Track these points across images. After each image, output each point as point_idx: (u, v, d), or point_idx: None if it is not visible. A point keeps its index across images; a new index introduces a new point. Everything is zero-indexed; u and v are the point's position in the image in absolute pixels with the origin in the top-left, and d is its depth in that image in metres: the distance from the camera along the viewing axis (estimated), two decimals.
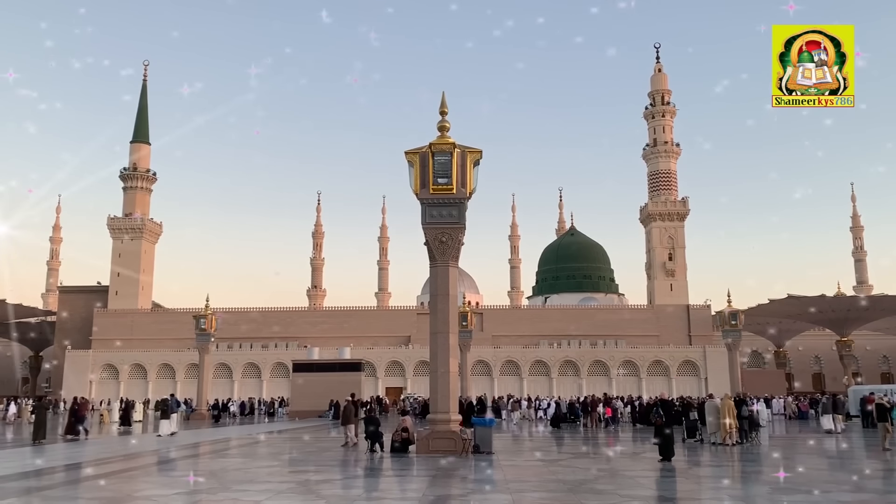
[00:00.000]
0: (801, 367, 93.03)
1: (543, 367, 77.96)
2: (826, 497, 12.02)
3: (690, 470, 17.37)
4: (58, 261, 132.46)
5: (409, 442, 20.65)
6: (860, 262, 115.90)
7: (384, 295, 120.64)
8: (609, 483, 14.32)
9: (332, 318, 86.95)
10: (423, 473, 16.02)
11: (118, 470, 17.92)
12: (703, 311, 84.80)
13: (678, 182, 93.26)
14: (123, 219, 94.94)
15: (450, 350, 20.58)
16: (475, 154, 20.99)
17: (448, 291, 20.82)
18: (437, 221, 20.79)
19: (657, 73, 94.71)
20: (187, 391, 70.10)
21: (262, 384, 77.67)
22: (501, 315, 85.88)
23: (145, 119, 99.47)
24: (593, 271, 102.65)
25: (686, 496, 13.24)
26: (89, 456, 21.38)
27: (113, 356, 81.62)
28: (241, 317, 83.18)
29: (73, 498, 12.75)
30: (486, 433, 20.94)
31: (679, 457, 19.04)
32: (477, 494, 12.86)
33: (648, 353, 78.07)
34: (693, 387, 72.40)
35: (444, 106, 21.70)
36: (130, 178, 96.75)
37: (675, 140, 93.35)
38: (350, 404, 24.59)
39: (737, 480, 15.82)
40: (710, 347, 77.16)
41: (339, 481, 15.32)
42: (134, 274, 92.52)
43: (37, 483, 15.19)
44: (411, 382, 75.52)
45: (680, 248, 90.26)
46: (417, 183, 20.71)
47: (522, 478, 15.28)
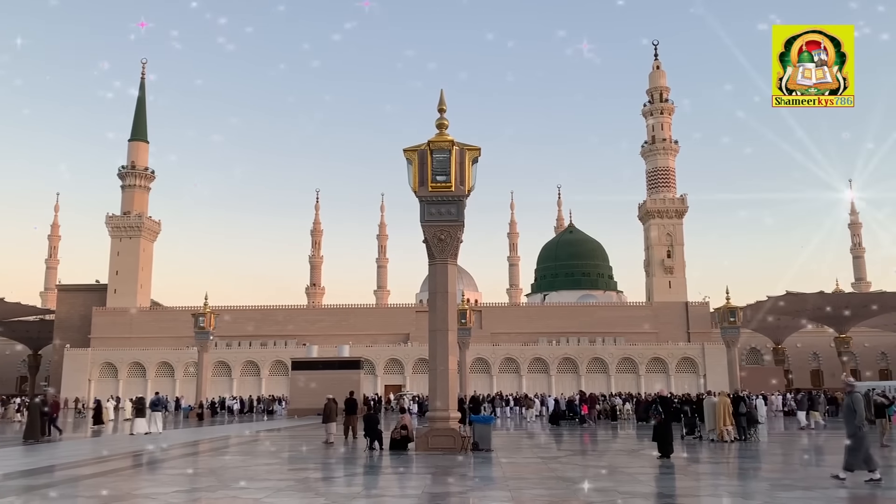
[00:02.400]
0: (800, 363, 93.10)
1: (542, 364, 78.05)
2: (824, 494, 12.05)
3: (689, 467, 17.40)
4: (56, 259, 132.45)
5: (408, 439, 20.69)
6: (858, 258, 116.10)
7: (383, 293, 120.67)
8: (608, 480, 14.35)
9: (331, 316, 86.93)
10: (423, 471, 16.04)
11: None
12: (702, 308, 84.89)
13: (676, 179, 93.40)
14: (122, 217, 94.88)
15: (449, 347, 20.60)
16: (474, 152, 21.01)
17: (447, 289, 20.85)
18: (436, 219, 20.80)
19: (655, 70, 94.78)
20: (187, 389, 70.19)
21: (262, 382, 77.67)
22: (500, 312, 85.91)
23: (143, 117, 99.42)
24: (592, 269, 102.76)
25: (685, 493, 13.28)
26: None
27: (112, 355, 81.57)
28: (240, 315, 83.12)
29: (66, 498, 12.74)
30: (486, 430, 20.97)
31: (678, 453, 19.07)
32: (476, 492, 12.89)
33: (647, 351, 78.15)
34: (692, 384, 72.46)
35: (443, 103, 21.70)
36: (129, 177, 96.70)
37: (673, 137, 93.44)
38: (331, 402, 24.98)
39: (735, 477, 15.86)
40: (708, 344, 77.25)
41: (339, 479, 15.34)
42: (132, 272, 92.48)
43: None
44: (410, 380, 75.56)
45: (678, 246, 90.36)
46: (416, 181, 20.72)
47: (521, 475, 15.30)
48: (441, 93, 22.00)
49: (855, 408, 13.30)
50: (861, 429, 13.17)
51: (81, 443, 27.67)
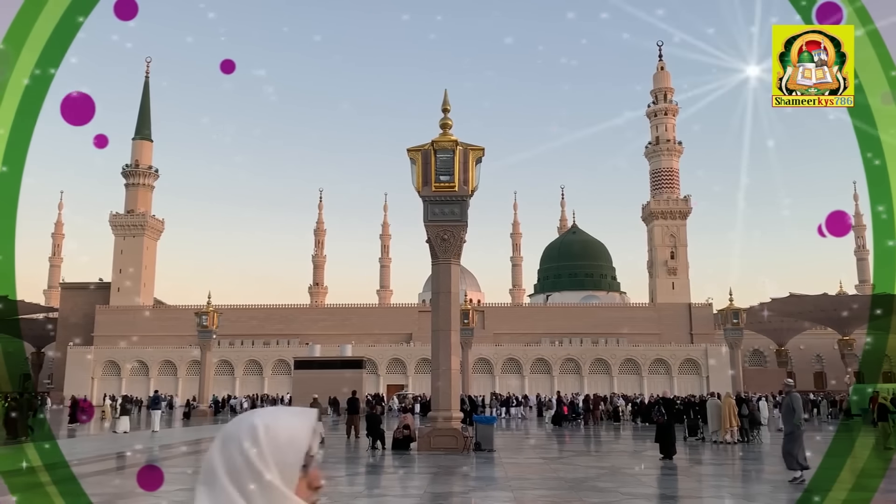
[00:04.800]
0: (803, 365, 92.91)
1: (545, 365, 78.00)
2: (825, 496, 12.04)
3: (692, 468, 17.40)
4: (60, 257, 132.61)
5: (410, 439, 20.71)
6: (862, 260, 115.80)
7: (386, 292, 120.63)
8: (610, 481, 14.35)
9: (333, 316, 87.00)
10: (425, 470, 16.05)
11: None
12: (705, 309, 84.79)
13: (680, 180, 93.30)
14: (125, 215, 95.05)
15: (451, 348, 20.60)
16: (477, 152, 21.01)
17: (450, 289, 20.85)
18: (439, 219, 20.80)
19: (660, 70, 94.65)
20: (189, 388, 70.23)
21: (264, 381, 77.78)
22: (503, 313, 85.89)
23: (147, 116, 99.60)
24: (595, 269, 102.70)
25: (687, 494, 13.28)
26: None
27: (115, 353, 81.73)
28: (243, 314, 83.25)
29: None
30: (488, 431, 20.98)
31: (680, 455, 19.07)
32: (478, 492, 12.90)
33: (650, 352, 78.07)
34: (694, 385, 72.38)
35: (447, 103, 21.71)
36: (132, 175, 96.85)
37: (677, 138, 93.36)
38: (315, 402, 25.08)
39: (738, 479, 15.85)
40: (711, 346, 77.13)
41: (341, 478, 15.37)
42: (136, 271, 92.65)
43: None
44: (413, 380, 75.52)
45: (682, 247, 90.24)
46: (419, 180, 20.73)
47: (524, 475, 15.30)
48: (445, 93, 22.03)
49: (794, 406, 13.67)
50: (799, 427, 13.50)
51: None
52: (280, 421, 1.52)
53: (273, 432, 1.49)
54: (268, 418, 1.51)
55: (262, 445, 1.47)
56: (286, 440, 1.50)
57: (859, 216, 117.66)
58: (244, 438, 1.48)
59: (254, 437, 1.48)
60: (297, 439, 1.51)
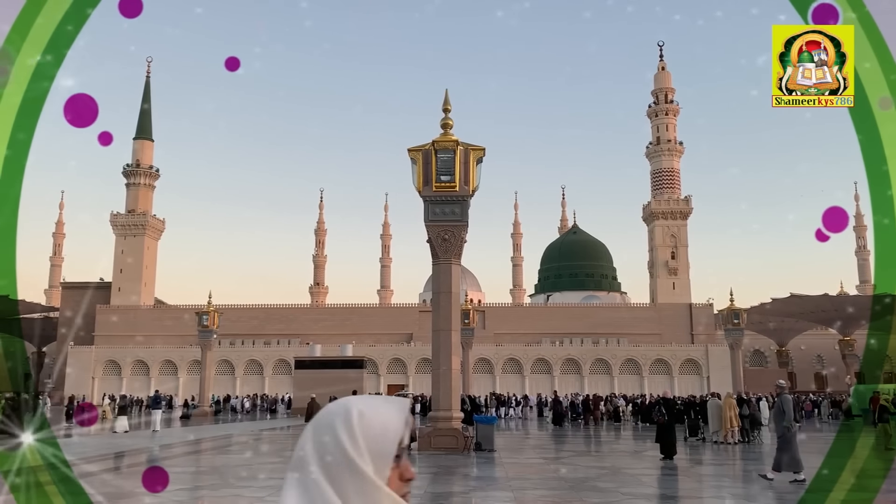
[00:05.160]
0: (804, 366, 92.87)
1: (545, 365, 77.99)
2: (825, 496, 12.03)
3: (692, 468, 17.39)
4: (60, 257, 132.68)
5: (411, 439, 20.66)
6: (864, 261, 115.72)
7: (386, 292, 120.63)
8: (611, 481, 14.35)
9: (334, 316, 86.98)
10: (425, 470, 16.05)
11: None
12: (706, 309, 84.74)
13: (681, 180, 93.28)
14: (126, 215, 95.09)
15: (452, 348, 20.60)
16: (478, 152, 21.00)
17: (450, 289, 20.84)
18: (440, 219, 20.79)
19: (661, 71, 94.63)
20: (190, 388, 70.27)
21: (265, 381, 77.79)
22: (503, 313, 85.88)
23: (148, 115, 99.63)
24: (596, 269, 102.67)
25: (688, 494, 13.27)
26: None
27: (115, 352, 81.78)
28: (244, 313, 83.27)
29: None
30: (489, 431, 20.98)
31: (681, 455, 19.06)
32: (479, 492, 12.90)
33: (650, 352, 78.04)
34: (695, 385, 72.33)
35: (448, 103, 21.70)
36: (133, 175, 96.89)
37: (678, 138, 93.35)
38: (313, 401, 25.12)
39: (738, 479, 15.85)
40: (712, 346, 77.11)
41: None
42: (137, 270, 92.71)
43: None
44: (413, 380, 75.51)
45: (682, 247, 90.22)
46: (420, 180, 20.72)
47: (524, 475, 15.30)
48: (446, 92, 22.01)
49: (784, 409, 13.58)
50: (790, 430, 13.39)
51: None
52: (374, 409, 1.46)
53: (367, 420, 1.43)
54: (362, 405, 1.45)
55: (355, 433, 1.41)
56: (380, 429, 1.44)
57: (860, 216, 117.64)
58: (338, 425, 1.41)
59: (348, 425, 1.41)
60: (390, 429, 1.46)
